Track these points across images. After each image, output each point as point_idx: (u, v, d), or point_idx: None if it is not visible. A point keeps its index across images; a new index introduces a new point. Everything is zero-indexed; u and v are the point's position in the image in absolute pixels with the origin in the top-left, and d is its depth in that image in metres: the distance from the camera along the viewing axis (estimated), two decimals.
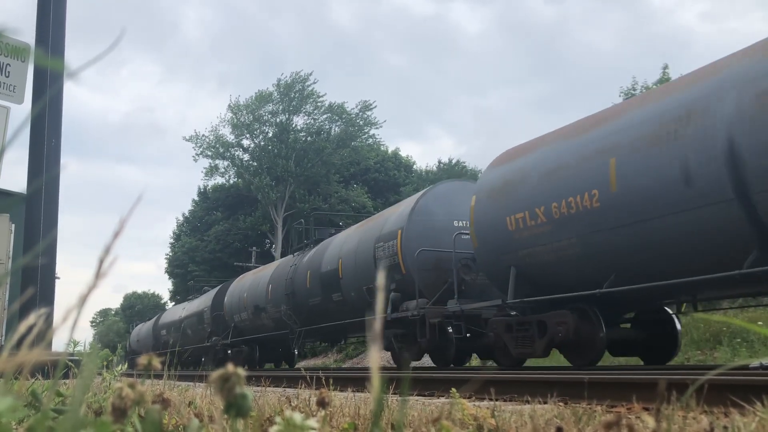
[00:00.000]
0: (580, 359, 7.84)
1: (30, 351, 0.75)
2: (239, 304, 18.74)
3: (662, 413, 1.43)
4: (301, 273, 14.76)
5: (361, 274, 11.97)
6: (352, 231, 13.66)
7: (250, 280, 19.06)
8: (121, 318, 72.07)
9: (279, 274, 16.46)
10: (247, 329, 18.50)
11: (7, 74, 5.46)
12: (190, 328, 24.31)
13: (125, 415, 0.85)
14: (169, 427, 1.63)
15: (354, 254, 12.41)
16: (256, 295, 17.54)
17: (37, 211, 5.63)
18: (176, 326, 26.32)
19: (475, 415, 1.74)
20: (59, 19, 6.00)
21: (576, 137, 7.81)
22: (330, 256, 13.53)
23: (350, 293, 12.33)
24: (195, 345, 23.53)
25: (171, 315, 28.95)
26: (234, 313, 19.12)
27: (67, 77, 4.77)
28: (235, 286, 20.18)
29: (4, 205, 9.18)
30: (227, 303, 19.94)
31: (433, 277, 10.58)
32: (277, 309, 15.82)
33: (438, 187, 11.57)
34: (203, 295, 24.91)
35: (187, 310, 25.67)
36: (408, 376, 1.90)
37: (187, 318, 25.05)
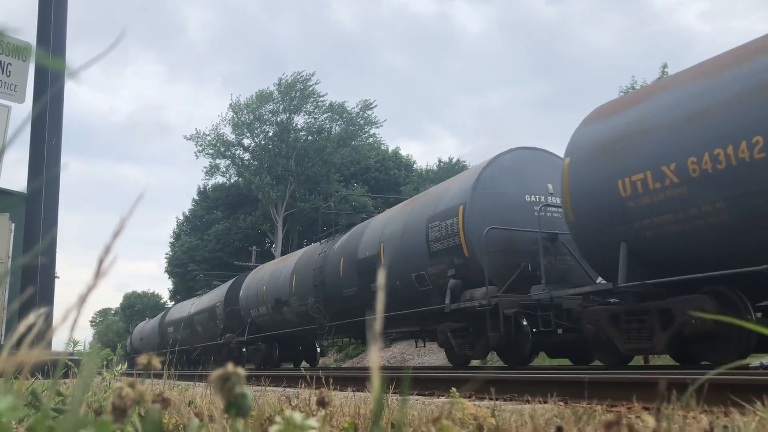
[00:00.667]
0: (716, 354, 6.46)
1: (30, 350, 0.75)
2: (257, 297, 17.24)
3: (662, 413, 1.43)
4: (333, 261, 13.18)
5: (409, 259, 10.45)
6: (395, 211, 12.10)
7: (269, 271, 17.51)
8: (120, 318, 72.07)
9: (305, 264, 14.80)
10: (265, 325, 17.08)
11: (8, 73, 5.46)
12: (201, 324, 22.74)
13: (125, 415, 0.85)
14: (169, 427, 1.63)
15: (400, 237, 10.89)
16: (278, 287, 15.96)
17: (37, 211, 5.62)
18: (185, 323, 24.77)
19: (476, 414, 1.74)
20: (60, 19, 6.00)
21: (724, 73, 6.30)
22: (369, 241, 11.96)
23: (395, 281, 10.80)
24: (206, 343, 22.06)
25: (179, 311, 27.26)
26: (251, 308, 17.63)
27: (68, 77, 4.77)
28: (251, 279, 18.67)
29: (4, 205, 9.19)
30: (243, 297, 18.42)
31: (503, 261, 9.00)
32: (303, 302, 14.32)
33: (504, 157, 9.80)
34: (215, 290, 23.19)
35: (197, 306, 24.04)
36: (408, 375, 1.90)
37: (197, 314, 23.40)
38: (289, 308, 15.25)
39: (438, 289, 9.86)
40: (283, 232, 36.89)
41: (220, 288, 22.15)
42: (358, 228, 13.09)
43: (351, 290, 12.38)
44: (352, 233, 13.10)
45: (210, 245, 39.88)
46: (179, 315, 26.44)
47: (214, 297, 21.77)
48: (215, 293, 22.22)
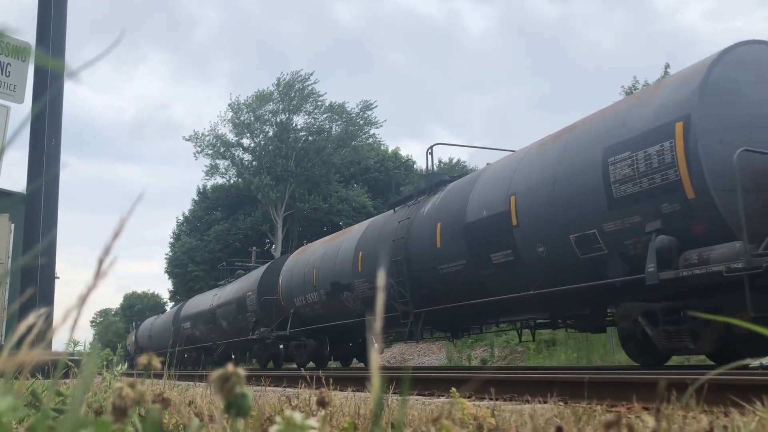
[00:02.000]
0: None
1: (30, 351, 0.75)
2: (303, 283, 14.33)
3: (662, 413, 1.43)
4: (423, 229, 10.19)
5: (567, 214, 7.28)
6: (531, 151, 8.48)
7: (320, 250, 14.44)
8: (120, 318, 72.04)
9: (377, 236, 11.79)
10: (315, 316, 14.14)
11: (8, 74, 5.46)
12: (226, 318, 19.78)
13: (125, 415, 0.85)
14: (169, 427, 1.63)
15: (549, 184, 7.58)
16: (336, 268, 12.93)
17: (36, 211, 5.63)
18: (206, 317, 21.79)
19: (475, 414, 1.74)
20: (60, 19, 6.00)
21: None
22: (485, 197, 8.81)
23: (534, 248, 7.72)
24: (233, 339, 19.20)
25: (197, 304, 23.94)
26: (295, 296, 14.74)
27: (67, 77, 4.77)
28: (294, 262, 15.67)
29: (3, 205, 9.19)
30: (284, 284, 15.52)
31: (760, 202, 5.90)
32: (373, 285, 11.60)
33: (739, 50, 6.56)
34: (243, 278, 19.84)
35: (220, 298, 20.80)
36: (408, 375, 1.90)
37: (221, 307, 20.29)
38: (353, 293, 12.23)
39: (621, 253, 6.82)
40: (283, 232, 36.89)
41: (250, 276, 19.03)
42: (460, 184, 10.04)
43: (454, 265, 9.33)
44: (449, 192, 10.14)
45: (210, 246, 39.88)
46: (198, 309, 23.39)
47: (244, 286, 18.69)
48: (244, 282, 19.07)
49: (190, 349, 24.26)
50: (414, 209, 11.03)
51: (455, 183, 10.43)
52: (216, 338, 21.02)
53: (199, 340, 23.26)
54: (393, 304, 10.66)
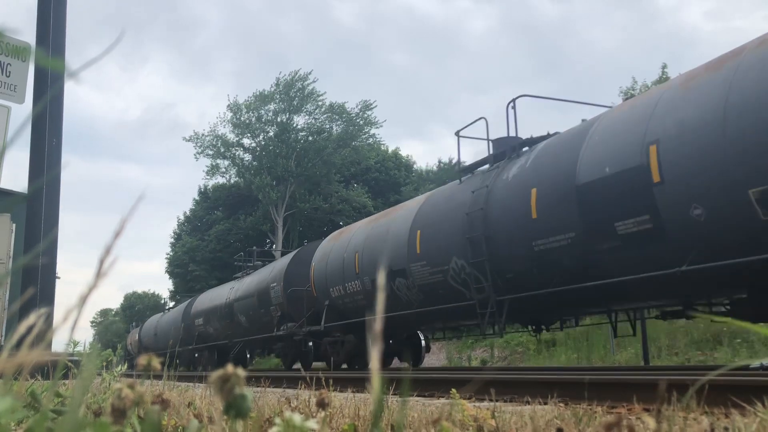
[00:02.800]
0: None
1: (30, 351, 0.75)
2: (342, 271, 12.28)
3: (663, 414, 1.43)
4: (510, 197, 8.21)
5: (746, 158, 5.37)
6: (678, 85, 6.47)
7: (362, 232, 12.23)
8: (121, 318, 72.09)
9: (441, 211, 9.76)
10: (355, 308, 12.08)
11: (8, 74, 5.46)
12: (245, 313, 17.81)
13: (124, 416, 0.84)
14: (168, 428, 1.63)
15: (718, 121, 5.62)
16: (384, 250, 10.99)
17: (37, 211, 5.63)
18: (221, 312, 19.78)
19: (476, 415, 1.74)
20: (60, 19, 6.00)
21: None
22: (608, 149, 6.86)
23: (686, 211, 5.84)
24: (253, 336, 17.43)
25: (212, 299, 21.74)
26: (331, 286, 12.71)
27: (67, 77, 4.78)
28: (330, 247, 13.37)
29: (4, 205, 9.19)
30: (317, 273, 13.42)
31: None
32: (440, 268, 9.39)
33: None
34: (266, 268, 17.84)
35: (238, 291, 18.81)
36: (408, 377, 1.90)
37: (239, 300, 18.32)
38: (407, 280, 10.25)
39: None
40: (284, 232, 36.90)
41: (274, 265, 16.98)
42: (561, 141, 8.01)
43: (557, 240, 7.37)
44: (544, 152, 8.15)
45: (210, 245, 39.91)
46: (212, 303, 21.24)
47: (267, 277, 16.66)
48: (267, 273, 17.05)
49: (203, 347, 22.50)
50: (492, 176, 8.84)
51: (550, 141, 8.33)
52: (233, 335, 19.09)
53: (213, 338, 21.31)
54: (462, 292, 8.97)
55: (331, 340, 13.07)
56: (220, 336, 20.42)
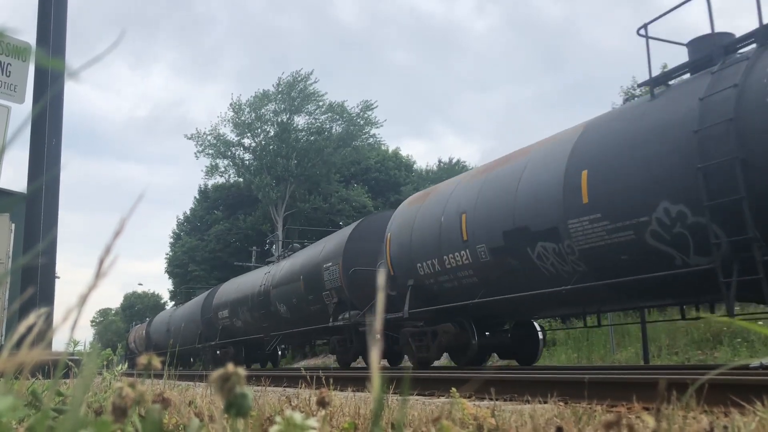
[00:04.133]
0: None
1: (30, 351, 0.75)
2: (438, 239, 9.49)
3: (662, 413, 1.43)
4: None
5: None
6: None
7: (469, 187, 9.31)
8: (121, 318, 72.09)
9: (627, 136, 6.87)
10: (455, 288, 9.31)
11: (8, 74, 5.46)
12: (287, 301, 14.80)
13: (125, 415, 0.85)
14: (169, 427, 1.63)
15: None
16: (517, 207, 8.01)
17: (37, 211, 5.63)
18: (254, 302, 16.87)
19: (475, 414, 1.74)
20: (60, 19, 6.00)
21: None
22: None
23: None
24: (300, 328, 14.53)
25: (239, 287, 18.70)
26: (418, 261, 9.89)
27: (67, 77, 4.78)
28: (414, 210, 10.48)
29: (4, 205, 9.18)
30: (396, 245, 10.56)
31: None
32: (630, 222, 6.54)
33: None
34: (315, 245, 14.68)
35: (275, 275, 15.81)
36: (408, 375, 1.90)
37: (279, 286, 15.23)
38: (562, 244, 7.38)
39: None
40: (284, 232, 36.90)
41: (327, 242, 13.84)
42: None
43: None
44: None
45: (210, 245, 39.90)
46: (240, 293, 18.26)
47: (317, 256, 13.65)
48: (316, 251, 14.04)
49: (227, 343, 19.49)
50: (737, 73, 5.97)
51: None
52: (270, 328, 16.14)
53: (241, 332, 18.36)
54: (668, 255, 6.33)
55: (414, 330, 10.24)
56: (250, 330, 17.52)
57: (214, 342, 20.10)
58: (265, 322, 16.48)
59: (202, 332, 21.28)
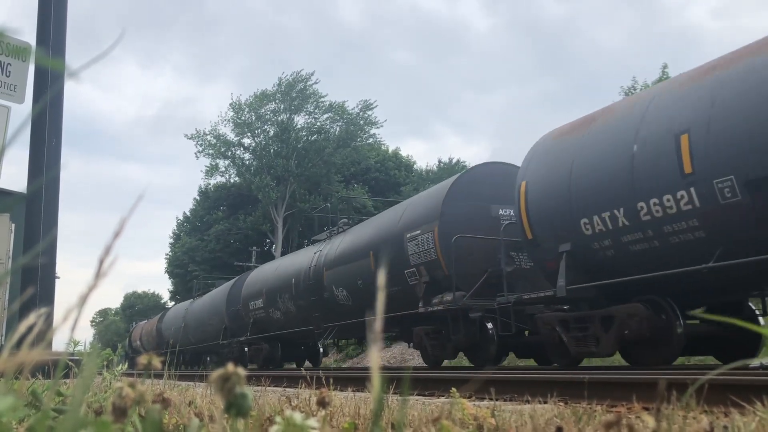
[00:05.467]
0: None
1: (30, 351, 0.75)
2: (630, 179, 6.71)
3: (662, 413, 1.43)
4: None
5: None
6: None
7: (684, 94, 6.45)
8: (121, 318, 72.11)
9: None
10: (658, 253, 6.60)
11: (8, 74, 5.46)
12: (348, 284, 11.86)
13: (125, 415, 0.85)
14: (169, 427, 1.63)
15: None
16: None
17: (37, 211, 5.63)
18: (301, 287, 13.77)
19: (475, 414, 1.74)
20: (60, 19, 6.00)
21: None
22: None
23: None
24: (364, 318, 11.31)
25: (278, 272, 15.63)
26: (584, 216, 7.26)
27: (67, 77, 4.78)
28: (569, 142, 7.79)
29: (4, 205, 9.19)
30: (536, 195, 8.03)
31: None
32: None
33: None
34: (397, 208, 11.52)
35: (329, 253, 12.88)
36: (408, 375, 1.90)
37: (337, 265, 12.40)
38: None
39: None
40: (283, 232, 36.90)
41: (418, 201, 10.74)
42: None
43: None
44: None
45: (210, 245, 39.90)
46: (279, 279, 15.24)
47: (395, 225, 10.68)
48: (391, 218, 11.13)
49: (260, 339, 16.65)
50: None
51: None
52: (323, 319, 12.99)
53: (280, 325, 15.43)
54: None
55: (565, 317, 7.67)
56: (294, 322, 14.52)
57: (243, 337, 17.21)
58: (315, 312, 13.17)
59: (227, 327, 18.38)
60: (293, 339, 15.83)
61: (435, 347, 10.04)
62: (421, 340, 10.23)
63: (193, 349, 23.22)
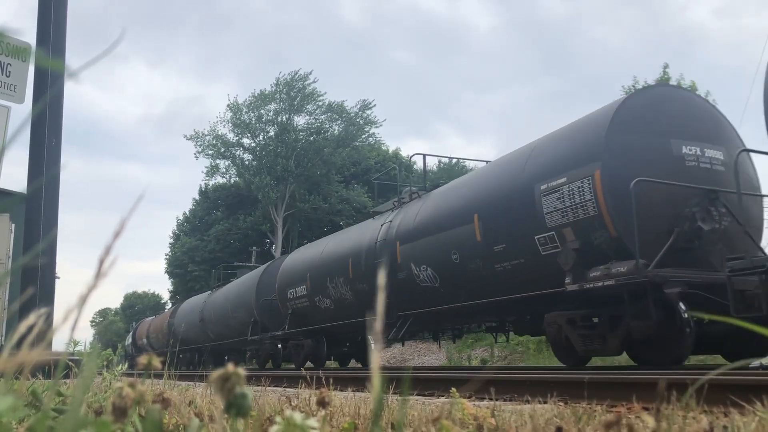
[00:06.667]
0: None
1: (30, 351, 0.75)
2: None
3: (662, 413, 1.43)
4: None
5: None
6: None
7: None
8: (120, 318, 72.13)
9: None
10: None
11: (8, 74, 5.46)
12: (435, 260, 9.22)
13: (126, 415, 0.85)
14: (169, 427, 1.63)
15: None
16: None
17: (37, 211, 5.63)
18: (362, 270, 11.17)
19: (475, 414, 1.74)
20: (60, 19, 6.00)
21: None
22: None
23: None
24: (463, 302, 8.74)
25: (326, 253, 12.97)
26: None
27: (67, 77, 4.78)
28: None
29: (4, 205, 9.19)
30: None
31: None
32: None
33: None
34: (521, 151, 8.49)
35: (401, 224, 10.36)
36: (408, 375, 1.90)
37: (415, 239, 9.75)
38: None
39: None
40: (283, 232, 36.91)
41: (556, 137, 7.90)
42: None
43: None
44: None
45: (210, 245, 39.90)
46: (330, 260, 12.56)
47: (522, 170, 7.98)
48: (521, 160, 8.23)
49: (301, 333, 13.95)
50: None
51: None
52: (396, 305, 9.94)
53: (329, 317, 12.68)
54: None
55: None
56: (350, 311, 11.48)
57: (281, 331, 14.57)
58: (402, 293, 9.95)
59: (256, 320, 15.89)
60: (347, 332, 12.96)
61: (588, 339, 7.13)
62: (560, 331, 7.40)
63: (213, 347, 21.11)
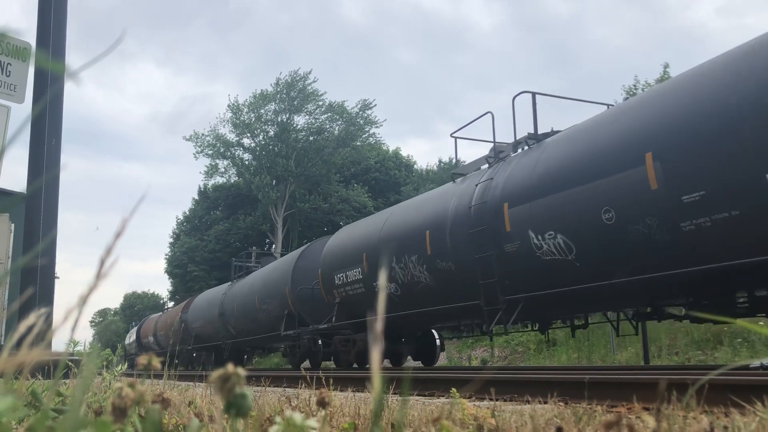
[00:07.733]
0: None
1: (30, 351, 0.75)
2: None
3: (662, 413, 1.43)
4: None
5: None
6: None
7: None
8: (120, 318, 72.11)
9: None
10: None
11: (8, 74, 5.46)
12: (569, 226, 6.57)
13: (125, 415, 0.85)
14: (169, 427, 1.63)
15: None
16: None
17: (36, 211, 5.63)
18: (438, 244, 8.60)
19: (476, 414, 1.74)
20: (60, 20, 6.00)
21: None
22: None
23: None
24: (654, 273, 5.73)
25: (376, 231, 10.39)
26: None
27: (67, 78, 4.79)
28: None
29: (4, 205, 9.18)
30: None
31: None
32: None
33: None
34: (683, 79, 5.87)
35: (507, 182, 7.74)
36: (408, 376, 1.90)
37: (539, 197, 6.96)
38: None
39: None
40: (283, 232, 36.91)
41: None
42: None
43: None
44: None
45: (210, 245, 39.89)
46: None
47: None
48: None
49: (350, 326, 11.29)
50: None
51: None
52: (502, 286, 7.63)
53: (395, 304, 9.13)
54: None
55: None
56: (429, 297, 8.72)
57: (326, 324, 11.90)
58: (487, 276, 7.73)
59: (292, 312, 13.47)
60: (417, 323, 10.03)
61: None
62: None
63: (235, 344, 18.07)
